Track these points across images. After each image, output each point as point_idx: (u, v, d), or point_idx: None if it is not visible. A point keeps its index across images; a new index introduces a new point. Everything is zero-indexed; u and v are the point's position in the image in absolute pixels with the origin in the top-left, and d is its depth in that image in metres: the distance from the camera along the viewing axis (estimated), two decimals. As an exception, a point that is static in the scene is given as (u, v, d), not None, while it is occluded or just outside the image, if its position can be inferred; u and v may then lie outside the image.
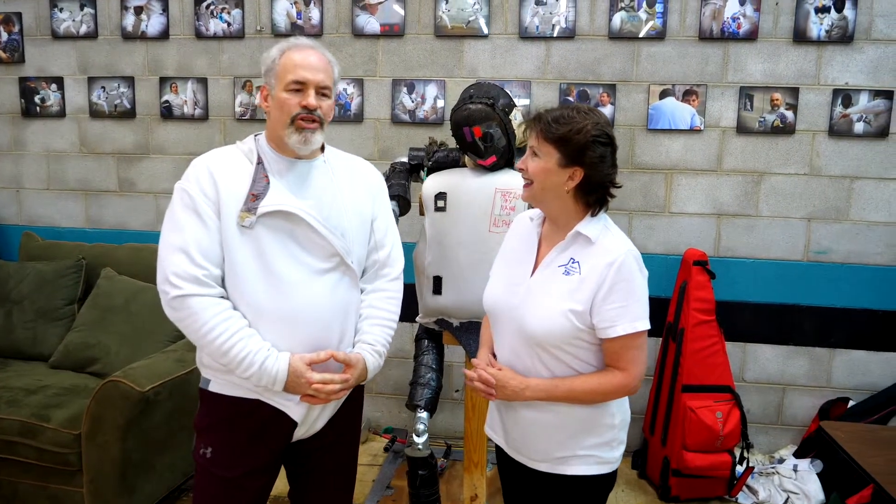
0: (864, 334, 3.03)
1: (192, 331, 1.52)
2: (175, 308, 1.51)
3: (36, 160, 3.50)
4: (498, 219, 2.27)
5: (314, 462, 1.74)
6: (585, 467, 1.52)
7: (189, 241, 1.50)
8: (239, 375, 1.53)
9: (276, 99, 1.58)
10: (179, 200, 1.55)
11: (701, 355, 2.82)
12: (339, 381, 1.59)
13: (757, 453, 3.12)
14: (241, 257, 1.52)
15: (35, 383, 2.63)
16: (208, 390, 1.63)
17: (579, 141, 1.45)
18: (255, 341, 1.52)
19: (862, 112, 2.90)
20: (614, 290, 1.44)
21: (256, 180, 1.55)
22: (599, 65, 3.04)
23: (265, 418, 1.60)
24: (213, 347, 1.51)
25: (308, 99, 1.57)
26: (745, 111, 2.97)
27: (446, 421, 3.29)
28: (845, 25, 2.86)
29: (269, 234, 1.54)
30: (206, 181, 1.54)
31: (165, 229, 1.56)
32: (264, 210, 1.52)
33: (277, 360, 1.53)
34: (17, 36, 3.40)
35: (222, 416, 1.62)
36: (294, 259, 1.56)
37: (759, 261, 3.06)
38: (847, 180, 2.97)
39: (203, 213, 1.52)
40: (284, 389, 1.55)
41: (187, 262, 1.49)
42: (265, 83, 1.62)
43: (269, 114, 1.61)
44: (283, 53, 1.58)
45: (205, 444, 1.62)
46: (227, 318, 1.51)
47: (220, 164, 1.58)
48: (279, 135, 1.59)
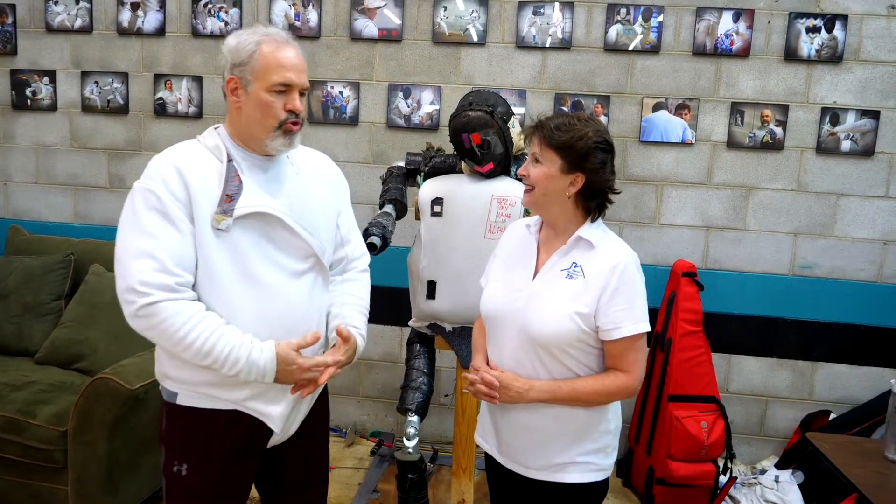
0: (846, 348, 3.09)
1: (167, 336, 1.41)
2: (143, 317, 1.39)
3: (25, 153, 3.47)
4: (494, 225, 2.29)
5: (287, 466, 1.68)
6: (582, 475, 1.54)
7: (159, 247, 1.40)
8: (225, 374, 1.44)
9: (256, 98, 1.48)
10: (143, 202, 1.42)
11: (687, 365, 2.85)
12: (332, 361, 1.54)
13: (739, 464, 3.16)
14: (216, 262, 1.44)
15: (20, 379, 2.59)
16: (177, 404, 1.53)
17: (581, 148, 1.48)
18: (237, 335, 1.44)
19: (849, 131, 2.97)
20: (618, 292, 1.47)
21: (229, 180, 1.46)
22: (594, 76, 3.07)
23: (244, 429, 1.53)
24: (194, 350, 1.41)
25: (295, 102, 1.50)
26: (736, 126, 3.02)
27: (433, 426, 3.30)
28: (835, 45, 2.92)
29: (246, 237, 1.47)
30: (175, 181, 1.43)
31: (126, 234, 1.43)
32: (241, 212, 1.45)
33: (263, 351, 1.45)
34: (10, 28, 3.37)
35: (197, 431, 1.53)
36: (271, 261, 1.50)
37: (745, 274, 3.11)
38: (833, 197, 3.03)
39: (174, 216, 1.42)
40: (275, 380, 1.48)
41: (156, 270, 1.39)
42: (235, 74, 1.49)
43: (240, 110, 1.50)
44: (260, 46, 1.47)
45: (178, 461, 1.53)
46: (204, 317, 1.42)
47: (188, 162, 1.46)
48: (256, 136, 1.50)
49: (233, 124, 1.54)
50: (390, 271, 3.15)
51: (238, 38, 1.50)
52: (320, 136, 3.24)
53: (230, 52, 1.50)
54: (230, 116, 1.54)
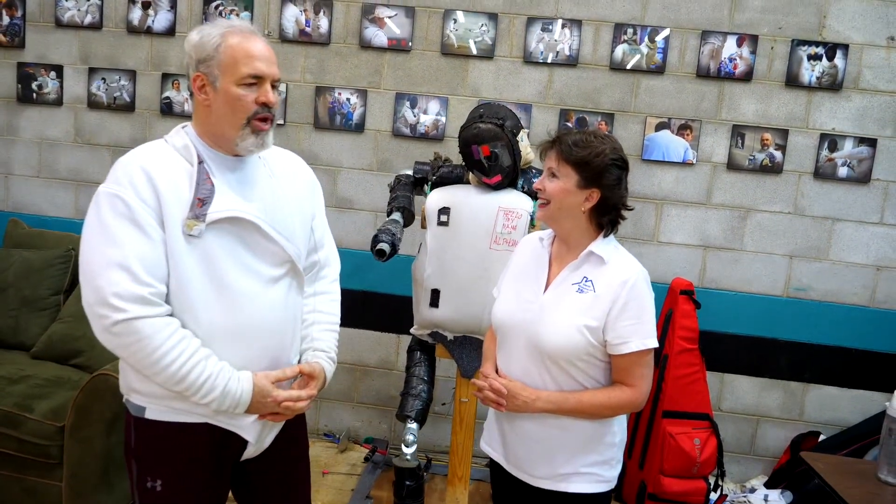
0: (837, 371, 3.13)
1: (139, 358, 1.35)
2: (117, 334, 1.32)
3: (28, 147, 3.46)
4: (499, 237, 2.32)
5: (267, 480, 1.62)
6: (586, 485, 1.56)
7: (130, 256, 1.32)
8: (197, 402, 1.39)
9: (225, 93, 1.41)
10: (111, 208, 1.34)
11: (682, 382, 2.89)
12: (306, 396, 1.51)
13: (729, 482, 3.19)
14: (188, 270, 1.37)
15: (17, 372, 2.58)
16: (145, 418, 1.46)
17: (598, 164, 1.51)
18: (213, 363, 1.39)
19: (846, 157, 3.03)
20: (628, 307, 1.50)
21: (200, 183, 1.39)
22: (599, 94, 3.12)
23: (217, 442, 1.48)
24: (167, 374, 1.35)
25: (268, 94, 1.43)
26: (737, 148, 3.07)
27: (428, 434, 3.30)
28: (835, 73, 2.99)
29: (219, 243, 1.40)
30: (144, 186, 1.35)
31: (94, 242, 1.35)
32: (214, 217, 1.38)
33: (241, 382, 1.41)
34: (20, 21, 3.37)
35: (169, 446, 1.46)
36: (245, 268, 1.43)
37: (741, 294, 3.15)
38: (829, 221, 3.08)
39: (144, 224, 1.34)
40: (247, 411, 1.44)
41: (129, 281, 1.31)
42: (201, 71, 1.42)
43: (209, 108, 1.43)
44: (225, 39, 1.40)
45: (152, 478, 1.47)
46: (180, 339, 1.36)
47: (157, 165, 1.38)
48: (225, 134, 1.43)
49: (201, 123, 1.46)
50: (389, 279, 3.18)
51: (200, 32, 1.44)
52: (326, 141, 3.26)
53: (193, 48, 1.43)
54: (198, 116, 1.47)
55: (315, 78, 3.22)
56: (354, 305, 3.30)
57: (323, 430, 3.42)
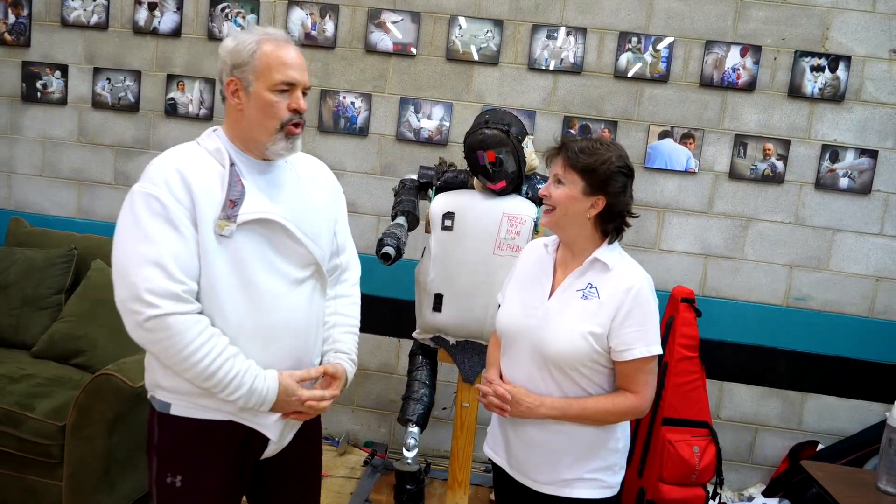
0: (836, 381, 3.15)
1: (170, 354, 1.38)
2: (150, 329, 1.36)
3: (31, 146, 3.46)
4: (503, 242, 2.33)
5: (282, 479, 1.65)
6: (590, 491, 1.56)
7: (164, 254, 1.35)
8: (224, 398, 1.43)
9: (259, 98, 1.45)
10: (146, 208, 1.38)
11: (682, 390, 2.89)
12: (329, 396, 1.55)
13: (727, 490, 3.20)
14: (219, 269, 1.41)
15: (18, 371, 2.58)
16: (170, 415, 1.49)
17: (604, 171, 1.52)
18: (241, 361, 1.43)
19: (847, 168, 3.05)
20: (632, 314, 1.51)
21: (232, 185, 1.43)
22: (603, 101, 3.14)
23: (240, 440, 1.51)
24: (196, 371, 1.39)
25: (299, 101, 1.48)
26: (739, 158, 3.09)
27: (427, 438, 3.30)
28: (837, 85, 3.01)
29: (248, 243, 1.44)
30: (179, 186, 1.39)
31: (129, 240, 1.39)
32: (245, 218, 1.42)
33: (266, 380, 1.45)
34: (25, 20, 3.38)
35: (192, 442, 1.49)
36: (273, 269, 1.47)
37: (741, 302, 3.17)
38: (829, 232, 3.10)
39: (178, 223, 1.38)
40: (271, 409, 1.48)
41: (163, 278, 1.35)
42: (235, 76, 1.46)
43: (241, 112, 1.47)
44: (260, 46, 1.45)
45: (172, 473, 1.49)
46: (210, 336, 1.40)
47: (190, 166, 1.43)
48: (257, 138, 1.47)
49: (233, 127, 1.50)
50: (391, 283, 3.18)
51: (236, 39, 1.47)
52: (330, 144, 3.27)
53: (229, 54, 1.47)
54: (230, 119, 1.51)
55: (320, 81, 3.23)
56: (356, 309, 3.32)
57: (323, 433, 3.41)
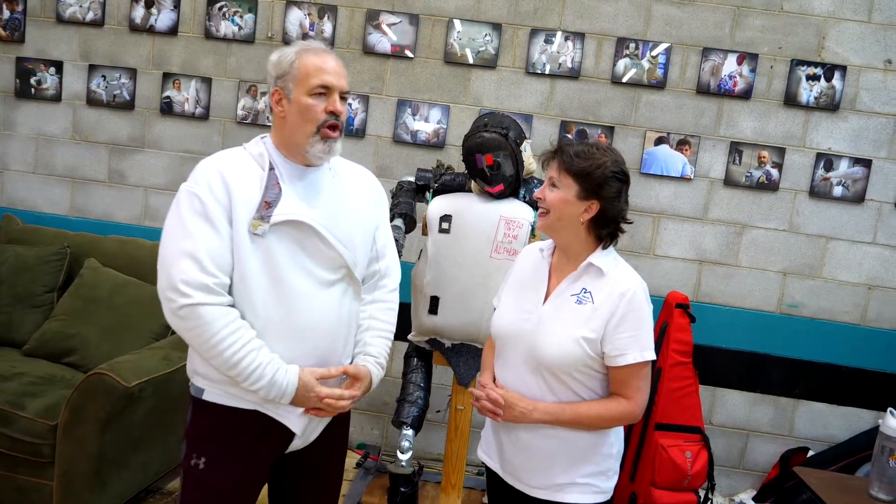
0: (827, 388, 3.17)
1: (200, 341, 1.48)
2: (182, 317, 1.46)
3: (24, 142, 3.43)
4: (500, 246, 2.33)
5: (304, 476, 1.70)
6: (583, 496, 1.56)
7: (200, 248, 1.45)
8: (246, 388, 1.50)
9: (298, 104, 1.54)
10: (189, 205, 1.49)
11: (675, 395, 2.90)
12: (348, 396, 1.59)
13: (718, 495, 3.21)
14: (251, 266, 1.49)
15: (9, 370, 2.55)
16: (202, 399, 1.58)
17: (599, 176, 1.52)
18: (265, 353, 1.49)
19: (842, 177, 3.07)
20: (626, 319, 1.51)
21: (269, 187, 1.52)
22: (600, 106, 3.15)
23: (263, 429, 1.57)
24: (222, 359, 1.47)
25: (335, 104, 1.55)
26: (734, 165, 3.11)
27: (420, 441, 3.29)
28: (833, 94, 3.03)
29: (280, 244, 1.51)
30: (219, 186, 1.49)
31: (171, 234, 1.50)
32: (278, 219, 1.49)
33: (287, 374, 1.51)
34: (20, 15, 3.35)
35: (217, 427, 1.58)
36: (303, 270, 1.53)
37: (734, 309, 3.18)
38: (823, 240, 3.12)
39: (215, 220, 1.48)
40: (291, 403, 1.53)
41: (197, 270, 1.44)
42: (279, 86, 1.56)
43: (284, 119, 1.57)
44: (299, 56, 1.55)
45: (197, 455, 1.57)
46: (237, 328, 1.47)
47: (232, 168, 1.52)
48: (297, 142, 1.55)
49: (278, 134, 1.60)
50: (387, 284, 3.17)
51: (280, 53, 1.59)
52: (326, 145, 3.26)
53: (273, 67, 1.58)
54: (275, 127, 1.60)
55: (317, 82, 3.22)
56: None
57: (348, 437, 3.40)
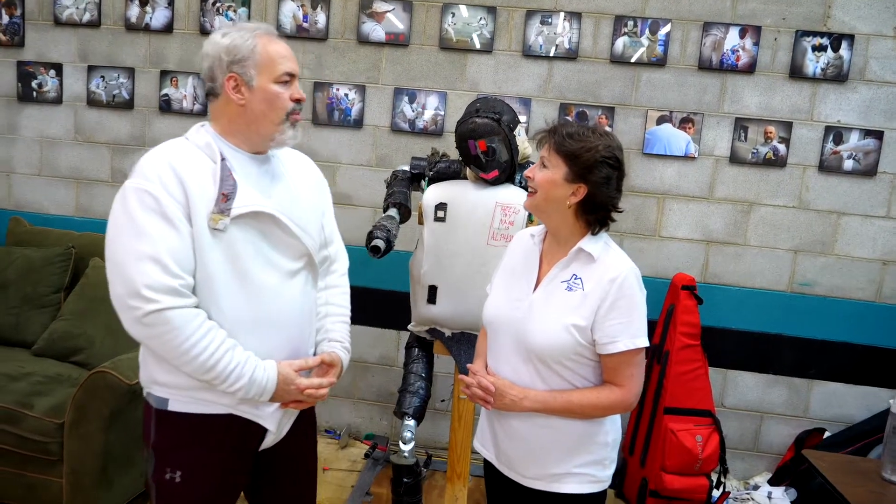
0: (843, 367, 3.09)
1: (170, 348, 1.38)
2: (149, 324, 1.36)
3: (28, 145, 3.47)
4: (496, 232, 2.30)
5: (279, 471, 1.66)
6: (579, 486, 1.54)
7: (161, 249, 1.36)
8: (224, 390, 1.44)
9: (264, 91, 1.46)
10: (139, 203, 1.37)
11: (684, 378, 2.86)
12: (326, 383, 1.58)
13: (732, 479, 3.17)
14: (214, 263, 1.42)
15: (17, 370, 2.59)
16: (168, 410, 1.49)
17: (588, 159, 1.48)
18: (240, 352, 1.44)
19: (852, 150, 2.98)
20: (616, 306, 1.47)
21: (224, 179, 1.43)
22: (599, 87, 3.09)
23: (238, 432, 1.52)
24: (197, 364, 1.39)
25: (300, 92, 1.52)
26: (740, 142, 3.03)
27: (428, 431, 3.29)
28: (840, 65, 2.94)
29: (242, 237, 1.45)
30: (172, 181, 1.39)
31: (124, 236, 1.38)
32: (238, 211, 1.43)
33: (266, 370, 1.47)
34: (19, 19, 3.38)
35: (189, 437, 1.50)
36: (267, 261, 1.49)
37: (744, 289, 3.12)
38: (834, 215, 3.04)
39: (173, 218, 1.38)
40: (271, 399, 1.50)
41: (161, 272, 1.35)
42: (235, 72, 1.46)
43: (243, 107, 1.47)
44: (258, 40, 1.47)
45: (171, 468, 1.50)
46: (208, 330, 1.41)
47: (182, 161, 1.43)
48: (263, 131, 1.49)
49: (230, 122, 1.50)
50: (390, 275, 3.17)
51: (230, 36, 1.48)
52: (324, 137, 3.25)
53: (225, 51, 1.46)
54: (225, 115, 1.50)
55: (313, 74, 3.21)
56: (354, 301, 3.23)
57: (324, 426, 3.42)
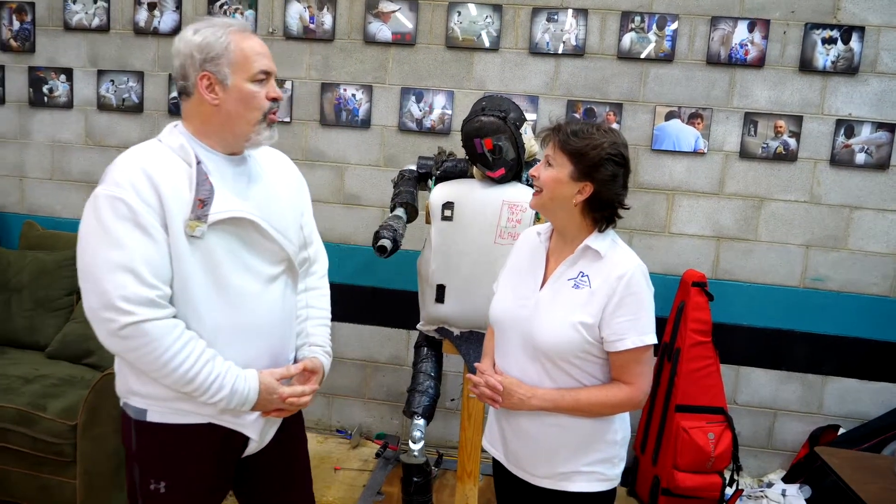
0: (857, 363, 3.06)
1: (148, 361, 1.34)
2: (126, 337, 1.31)
3: (40, 150, 3.50)
4: (504, 231, 2.29)
5: (266, 477, 1.63)
6: (588, 484, 1.53)
7: (136, 259, 1.30)
8: (205, 402, 1.40)
9: (239, 91, 1.41)
10: (112, 211, 1.32)
11: (696, 376, 2.84)
12: (309, 391, 1.54)
13: (746, 476, 3.14)
14: (191, 271, 1.37)
15: (32, 372, 2.62)
16: (147, 421, 1.45)
17: (594, 157, 1.47)
18: (220, 363, 1.40)
19: (864, 143, 2.95)
20: (624, 303, 1.46)
21: (200, 183, 1.37)
22: (607, 84, 3.07)
23: (219, 441, 1.49)
24: (176, 376, 1.35)
25: (277, 90, 1.47)
26: (749, 136, 3.01)
27: (438, 430, 3.30)
28: (851, 57, 2.91)
29: (220, 243, 1.40)
30: (145, 188, 1.33)
31: (96, 246, 1.33)
32: (216, 217, 1.38)
33: (247, 380, 1.43)
34: (29, 26, 3.41)
35: (170, 448, 1.47)
36: (246, 268, 1.45)
37: (756, 285, 3.09)
38: (846, 210, 3.01)
39: (147, 226, 1.32)
40: (253, 408, 1.46)
41: (136, 283, 1.30)
42: (208, 71, 1.39)
43: (218, 107, 1.41)
44: (232, 38, 1.41)
45: (155, 479, 1.47)
46: (187, 341, 1.37)
47: (156, 166, 1.36)
48: (238, 131, 1.44)
49: (204, 122, 1.44)
50: (399, 274, 3.17)
51: (202, 33, 1.41)
52: (332, 138, 3.26)
53: (197, 49, 1.40)
54: (198, 115, 1.44)
55: (320, 74, 3.21)
56: (364, 302, 3.32)
57: (335, 426, 3.43)
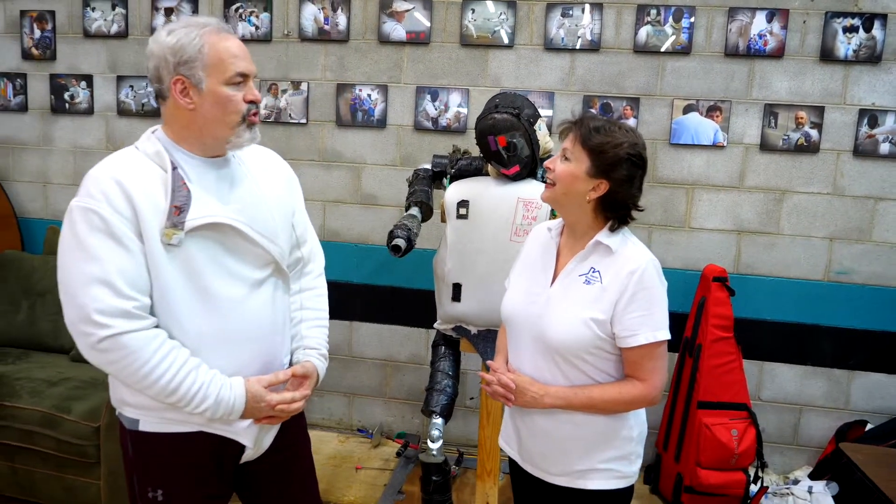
0: (884, 357, 3.00)
1: (129, 373, 1.31)
2: (104, 350, 1.29)
3: (63, 156, 3.56)
4: (519, 228, 2.28)
5: (269, 481, 1.61)
6: (604, 481, 1.52)
7: (110, 271, 1.28)
8: (190, 412, 1.37)
9: (215, 95, 1.37)
10: (86, 223, 1.29)
11: (718, 372, 2.80)
12: (300, 397, 1.50)
13: (771, 473, 3.09)
14: (170, 280, 1.34)
15: (56, 375, 2.67)
16: (140, 431, 1.44)
17: (613, 155, 1.45)
18: (204, 372, 1.37)
19: (888, 133, 2.89)
20: (636, 298, 1.44)
21: (176, 189, 1.34)
22: (624, 78, 3.04)
23: (214, 448, 1.47)
24: (158, 388, 1.32)
25: (255, 92, 1.43)
26: (770, 128, 2.96)
27: (459, 428, 3.29)
28: (873, 45, 2.84)
29: (199, 250, 1.37)
30: (118, 197, 1.30)
31: (72, 259, 1.31)
32: (193, 224, 1.34)
33: (233, 389, 1.39)
34: (50, 34, 3.47)
35: (165, 457, 1.46)
36: (229, 273, 1.41)
37: (778, 279, 3.04)
38: (871, 201, 2.95)
39: (121, 236, 1.30)
40: (241, 416, 1.43)
41: (112, 296, 1.28)
42: (182, 74, 1.35)
43: (193, 111, 1.37)
44: (205, 39, 1.36)
45: (153, 487, 1.46)
46: (168, 351, 1.33)
47: (129, 174, 1.33)
48: (217, 135, 1.40)
49: (182, 127, 1.41)
50: (416, 273, 3.17)
51: (176, 34, 1.37)
52: (348, 138, 3.27)
53: (171, 51, 1.35)
54: (175, 120, 1.41)
55: (335, 75, 3.22)
56: (383, 301, 3.32)
57: (356, 425, 3.44)
